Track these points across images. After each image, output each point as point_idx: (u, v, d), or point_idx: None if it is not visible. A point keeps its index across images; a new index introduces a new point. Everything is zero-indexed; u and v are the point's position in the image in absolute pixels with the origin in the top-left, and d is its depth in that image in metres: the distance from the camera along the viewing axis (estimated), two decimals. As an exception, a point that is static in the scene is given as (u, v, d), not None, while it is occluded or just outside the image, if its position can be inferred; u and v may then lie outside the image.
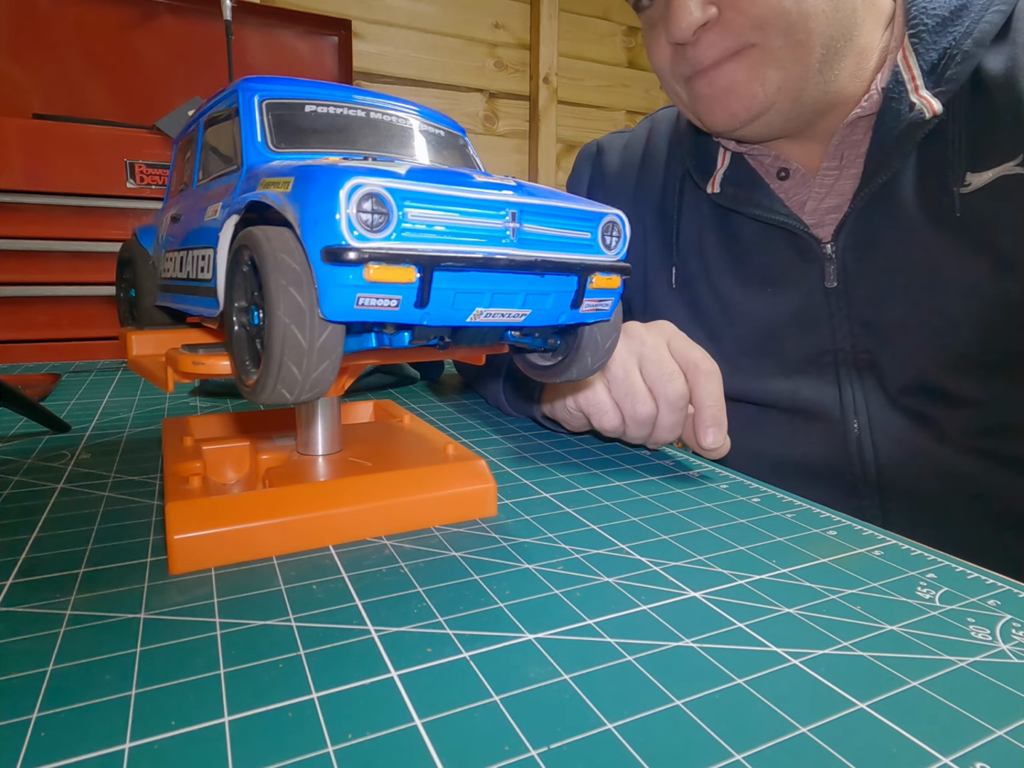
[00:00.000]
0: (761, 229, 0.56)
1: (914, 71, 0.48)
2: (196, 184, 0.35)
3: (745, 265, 0.58)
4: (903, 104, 0.47)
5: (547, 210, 0.26)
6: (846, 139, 0.51)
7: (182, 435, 0.38)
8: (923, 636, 0.24)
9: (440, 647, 0.23)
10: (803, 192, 0.55)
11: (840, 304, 0.52)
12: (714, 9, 0.47)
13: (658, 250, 0.64)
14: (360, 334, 0.28)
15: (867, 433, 0.53)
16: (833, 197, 0.53)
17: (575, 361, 0.33)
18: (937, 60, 0.47)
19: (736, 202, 0.56)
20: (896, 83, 0.48)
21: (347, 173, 0.22)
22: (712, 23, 0.48)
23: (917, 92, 0.47)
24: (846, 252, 0.52)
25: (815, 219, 0.54)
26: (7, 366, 0.80)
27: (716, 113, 0.52)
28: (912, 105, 0.47)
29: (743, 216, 0.57)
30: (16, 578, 0.27)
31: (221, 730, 0.19)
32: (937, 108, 0.46)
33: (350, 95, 0.33)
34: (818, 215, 0.54)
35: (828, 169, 0.53)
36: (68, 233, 1.20)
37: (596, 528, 0.33)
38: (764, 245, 0.56)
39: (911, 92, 0.47)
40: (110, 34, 1.36)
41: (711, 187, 0.58)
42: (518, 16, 2.02)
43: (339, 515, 0.31)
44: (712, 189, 0.58)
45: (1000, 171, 0.46)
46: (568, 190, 0.75)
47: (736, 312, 0.58)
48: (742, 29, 0.47)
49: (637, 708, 0.20)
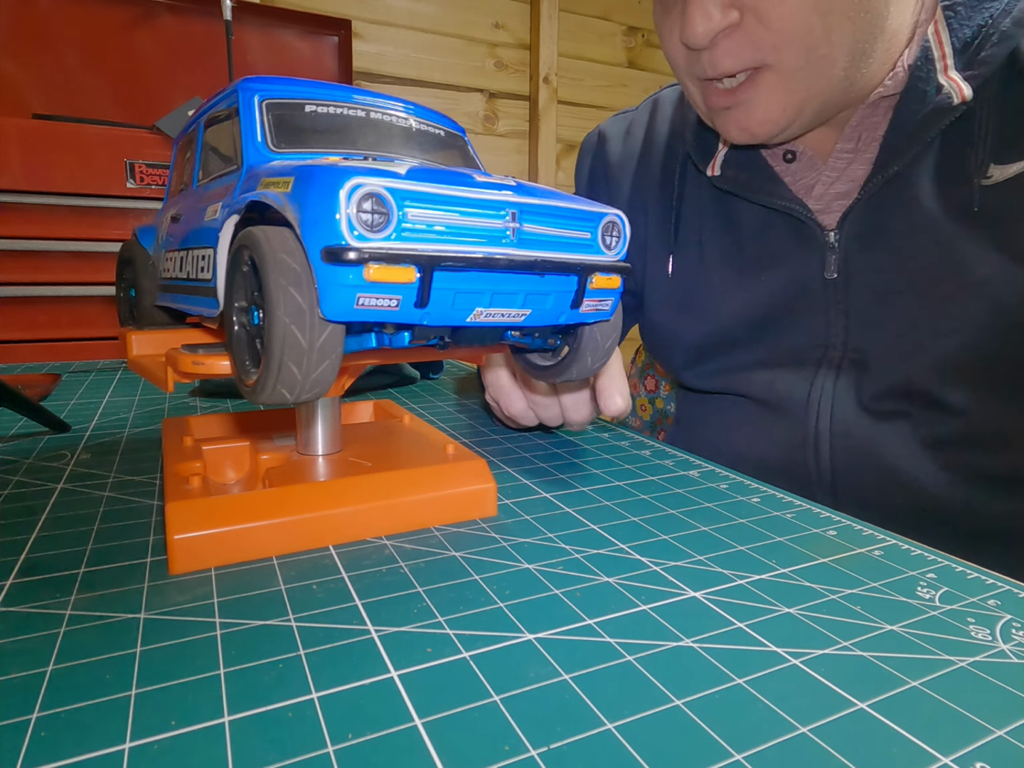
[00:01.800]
0: (762, 215, 0.54)
1: (945, 48, 0.44)
2: (196, 184, 0.35)
3: (742, 252, 0.55)
4: (930, 85, 0.44)
5: (547, 210, 0.26)
6: (865, 120, 0.48)
7: (182, 435, 0.38)
8: (923, 636, 0.24)
9: (440, 647, 0.23)
10: (810, 175, 0.51)
11: (838, 296, 0.50)
12: (736, 14, 0.43)
13: (657, 237, 0.62)
14: (360, 334, 0.28)
15: (826, 436, 0.51)
16: (843, 182, 0.50)
17: (575, 361, 0.33)
18: (971, 38, 0.43)
19: (737, 186, 0.53)
20: (925, 60, 0.44)
21: (347, 173, 0.22)
22: (731, 29, 0.44)
23: (946, 73, 0.43)
24: (850, 242, 0.49)
25: (822, 204, 0.51)
26: (7, 366, 0.80)
27: (732, 132, 0.48)
28: (940, 87, 0.43)
29: (744, 201, 0.54)
30: (16, 578, 0.27)
31: (221, 730, 0.19)
32: (967, 93, 0.42)
33: (350, 95, 0.33)
34: (825, 200, 0.51)
35: (842, 152, 0.49)
36: (68, 233, 1.20)
37: (596, 528, 0.33)
38: (764, 232, 0.54)
39: (940, 72, 0.44)
40: (110, 34, 1.36)
41: (711, 169, 0.55)
42: (518, 16, 2.02)
43: (339, 515, 0.31)
44: (712, 172, 0.55)
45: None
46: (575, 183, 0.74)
47: (728, 300, 0.56)
48: (762, 43, 0.43)
49: (637, 708, 0.20)
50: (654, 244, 0.62)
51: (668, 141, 0.63)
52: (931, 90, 0.44)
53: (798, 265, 0.52)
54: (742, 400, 0.57)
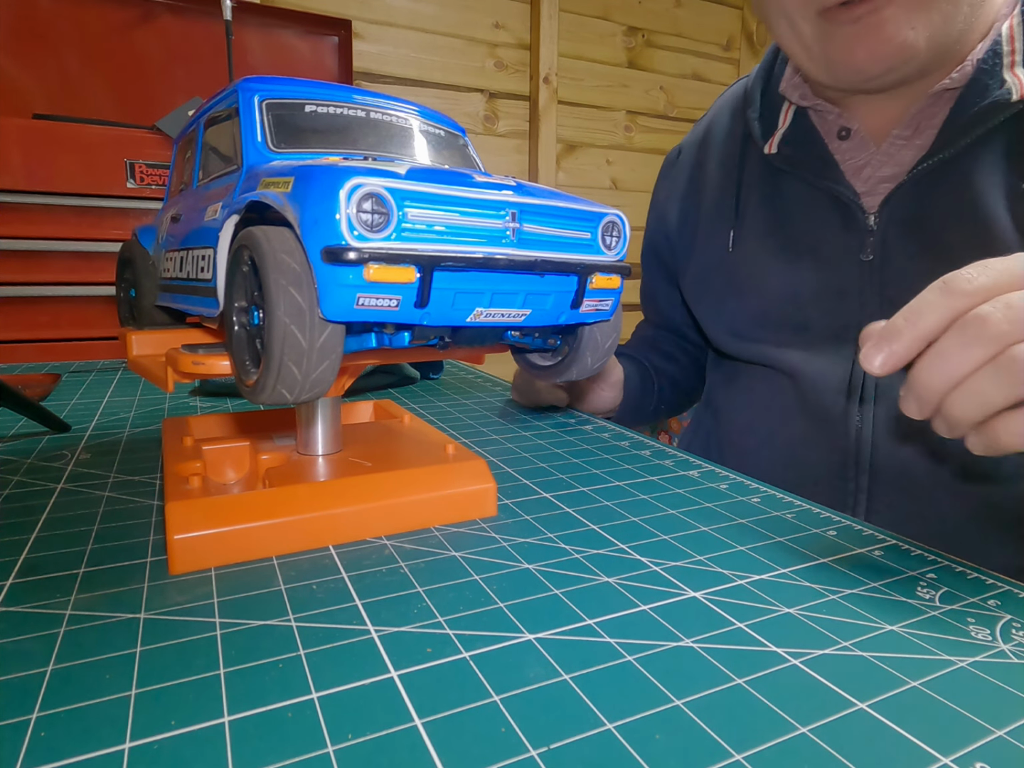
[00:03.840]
0: (809, 194, 0.55)
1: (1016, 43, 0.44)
2: (196, 184, 0.35)
3: (785, 230, 0.56)
4: (994, 79, 0.43)
5: (547, 210, 0.26)
6: (926, 109, 0.48)
7: (182, 435, 0.38)
8: (923, 636, 0.24)
9: (440, 647, 0.23)
10: (860, 156, 0.52)
11: (873, 279, 0.50)
12: None
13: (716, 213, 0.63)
14: (360, 334, 0.28)
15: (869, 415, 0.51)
16: (891, 166, 0.50)
17: (575, 361, 0.33)
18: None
19: (791, 163, 0.55)
20: (993, 55, 0.44)
21: (347, 173, 0.22)
22: None
23: (1012, 68, 0.43)
24: (890, 226, 0.49)
25: (868, 187, 0.51)
26: (7, 366, 0.80)
27: (857, 55, 0.46)
28: (1003, 82, 0.43)
29: (794, 178, 0.55)
30: (16, 578, 0.27)
31: (221, 730, 0.19)
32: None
33: (350, 95, 0.33)
34: (872, 183, 0.51)
35: (898, 138, 0.49)
36: (68, 233, 1.20)
37: (596, 528, 0.33)
38: (808, 211, 0.55)
39: (1006, 68, 0.43)
40: (110, 34, 1.36)
41: (769, 147, 0.56)
42: (518, 16, 2.02)
43: (339, 515, 0.31)
44: (770, 149, 0.56)
45: None
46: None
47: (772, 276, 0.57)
48: None
49: (637, 708, 0.20)
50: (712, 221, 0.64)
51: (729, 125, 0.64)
52: (994, 84, 0.43)
53: (839, 246, 0.53)
54: (779, 375, 0.58)
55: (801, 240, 0.55)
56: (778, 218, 0.57)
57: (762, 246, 0.58)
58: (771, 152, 0.56)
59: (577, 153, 2.13)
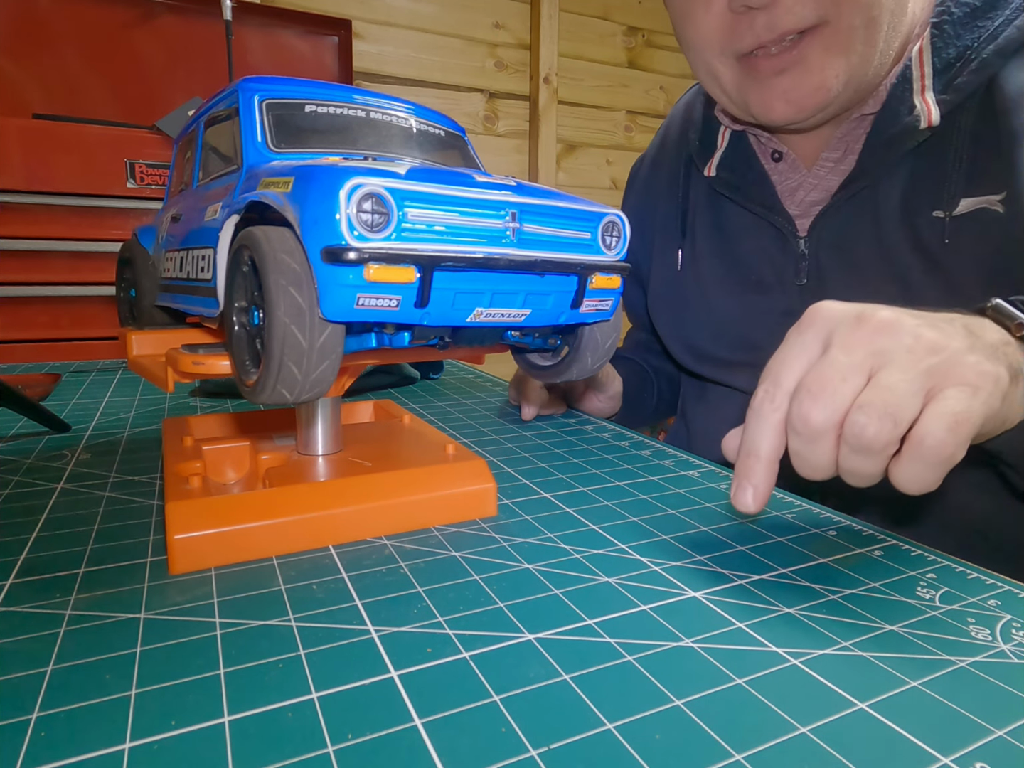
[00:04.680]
0: (749, 218, 0.55)
1: (925, 68, 0.44)
2: (196, 184, 0.35)
3: (731, 253, 0.57)
4: (904, 104, 0.44)
5: (547, 210, 0.26)
6: (851, 132, 0.49)
7: (182, 435, 0.38)
8: (923, 636, 0.24)
9: (440, 647, 0.23)
10: (793, 178, 0.53)
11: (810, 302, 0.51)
12: None
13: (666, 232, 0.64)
14: (360, 334, 0.28)
15: None
16: (819, 191, 0.51)
17: (575, 361, 0.33)
18: (953, 59, 0.43)
19: (729, 188, 0.55)
20: (903, 80, 0.44)
21: (347, 173, 0.22)
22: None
23: (922, 94, 0.43)
24: (820, 250, 0.50)
25: (800, 210, 0.52)
26: (7, 366, 0.80)
27: (776, 108, 0.46)
28: (912, 107, 0.43)
29: (734, 204, 0.56)
30: (16, 578, 0.27)
31: (221, 730, 0.19)
32: (935, 118, 0.42)
33: (350, 95, 0.33)
34: (804, 206, 0.52)
35: (826, 160, 0.50)
36: (68, 233, 1.20)
37: (596, 528, 0.33)
38: (749, 235, 0.56)
39: (916, 92, 0.44)
40: (110, 34, 1.36)
41: (708, 169, 0.57)
42: (518, 16, 2.02)
43: (339, 515, 0.31)
44: (709, 172, 0.57)
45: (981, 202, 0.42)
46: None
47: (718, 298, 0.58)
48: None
49: (637, 708, 0.20)
50: (662, 239, 0.64)
51: (677, 140, 0.65)
52: (904, 109, 0.44)
53: (778, 270, 0.54)
54: (738, 394, 0.58)
55: (744, 262, 0.56)
56: (723, 240, 0.58)
57: (709, 267, 0.59)
58: (711, 175, 0.57)
59: (577, 153, 2.13)
